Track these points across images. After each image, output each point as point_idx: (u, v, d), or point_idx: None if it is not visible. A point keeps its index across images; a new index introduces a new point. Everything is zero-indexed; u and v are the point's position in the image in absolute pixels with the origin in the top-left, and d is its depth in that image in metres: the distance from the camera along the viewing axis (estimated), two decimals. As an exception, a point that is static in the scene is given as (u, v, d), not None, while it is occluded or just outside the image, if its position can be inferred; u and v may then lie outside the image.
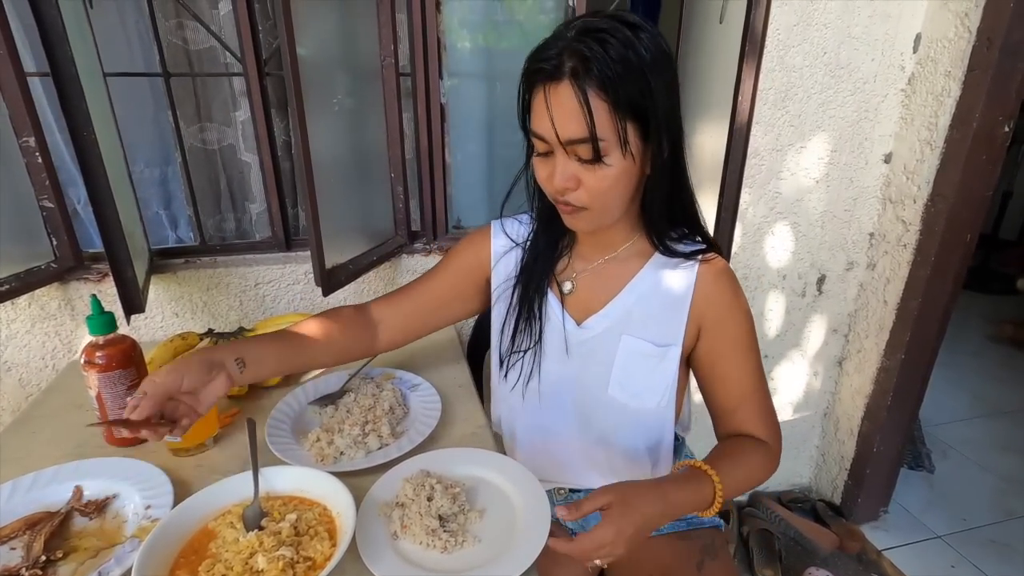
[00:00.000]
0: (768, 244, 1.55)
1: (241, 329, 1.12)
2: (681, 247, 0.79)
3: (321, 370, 1.07)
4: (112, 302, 1.03)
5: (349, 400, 0.94)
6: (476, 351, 1.28)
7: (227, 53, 1.26)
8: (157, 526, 0.65)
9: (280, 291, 1.32)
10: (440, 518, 0.70)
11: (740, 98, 1.23)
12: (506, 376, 0.90)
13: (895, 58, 1.42)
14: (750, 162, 1.42)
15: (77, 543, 0.69)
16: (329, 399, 0.96)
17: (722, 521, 1.00)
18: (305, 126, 0.97)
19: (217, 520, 0.69)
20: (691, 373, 0.88)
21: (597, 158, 0.66)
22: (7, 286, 1.03)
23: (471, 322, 1.31)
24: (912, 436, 1.94)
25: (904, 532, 1.78)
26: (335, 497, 0.71)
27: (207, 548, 0.65)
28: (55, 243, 1.15)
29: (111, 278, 1.00)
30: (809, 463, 1.93)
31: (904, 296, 1.54)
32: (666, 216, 0.77)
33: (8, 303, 1.14)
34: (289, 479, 0.75)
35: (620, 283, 0.82)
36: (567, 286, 0.86)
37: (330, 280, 1.11)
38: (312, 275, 1.14)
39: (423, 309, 0.93)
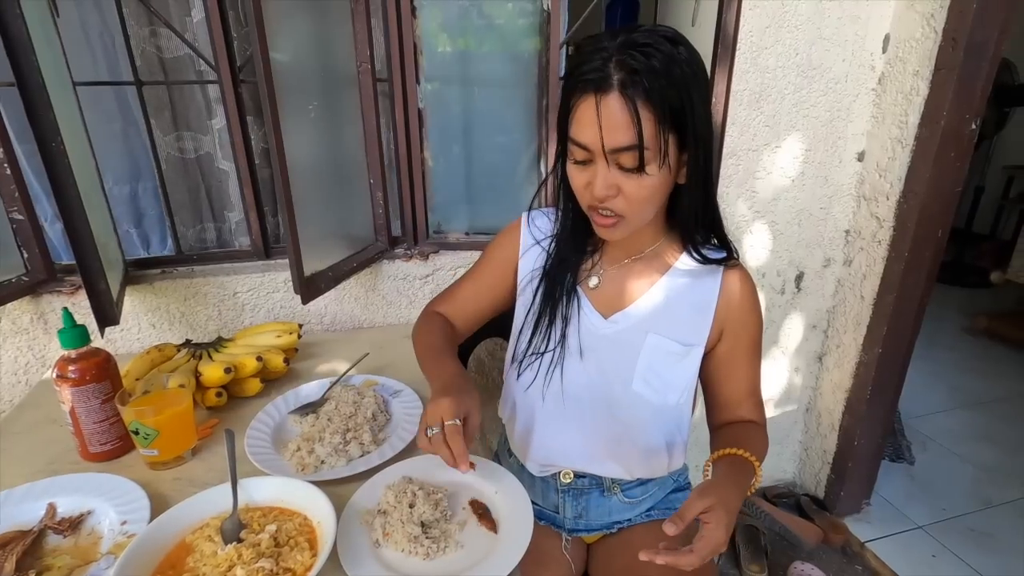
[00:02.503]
0: (747, 243, 1.57)
1: (220, 339, 1.11)
2: (710, 253, 0.82)
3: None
4: (86, 315, 1.01)
5: (330, 408, 0.93)
6: (459, 354, 1.27)
7: (201, 61, 1.25)
8: (133, 541, 0.64)
9: (259, 299, 1.31)
10: (422, 525, 0.70)
11: (714, 100, 1.25)
12: (518, 377, 0.90)
13: (865, 58, 1.45)
14: (727, 162, 1.44)
15: (51, 562, 0.68)
16: (310, 408, 0.95)
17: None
18: (280, 133, 0.97)
19: (195, 534, 0.68)
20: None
21: (641, 167, 0.68)
22: (-24, 301, 1.01)
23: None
24: (892, 429, 1.97)
25: (886, 524, 1.81)
26: (315, 506, 0.71)
27: (185, 563, 0.65)
28: (26, 256, 1.13)
29: (84, 290, 0.98)
30: (793, 458, 1.95)
31: (880, 291, 1.57)
32: (695, 223, 0.80)
33: (-22, 318, 1.12)
34: (269, 490, 0.75)
35: (646, 283, 0.85)
36: (593, 281, 0.87)
37: (309, 288, 1.10)
38: (292, 283, 1.13)
39: (473, 306, 0.97)
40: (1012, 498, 1.92)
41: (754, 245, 1.58)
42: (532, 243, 0.91)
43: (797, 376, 1.81)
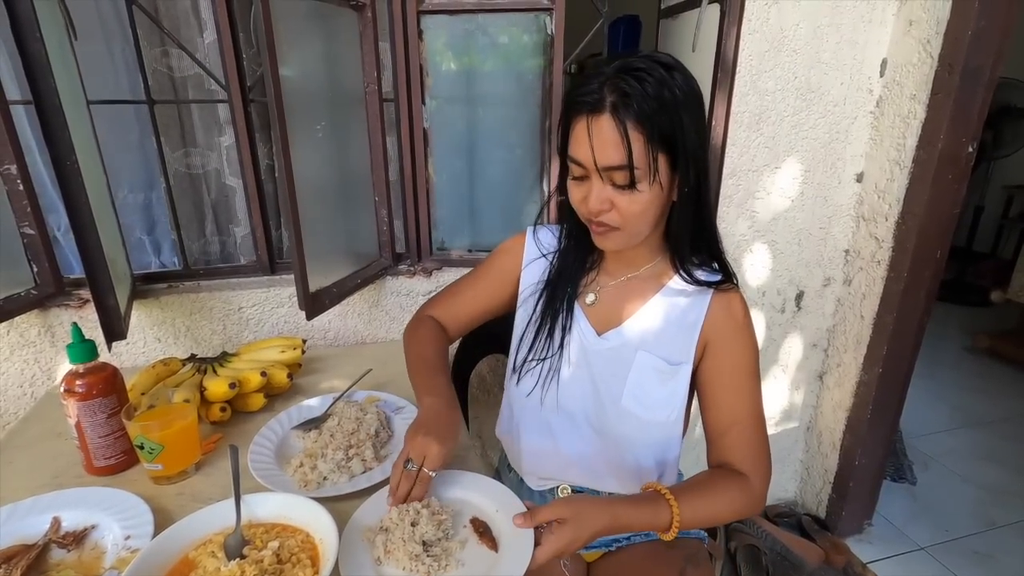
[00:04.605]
0: (747, 262, 1.58)
1: (224, 354, 1.12)
2: (700, 275, 0.83)
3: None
4: (93, 328, 1.02)
5: (332, 424, 0.94)
6: (461, 369, 1.29)
7: (212, 80, 1.28)
8: (136, 557, 0.65)
9: (264, 314, 1.32)
10: (424, 543, 0.70)
11: (714, 122, 1.27)
12: (518, 383, 0.93)
13: (863, 82, 1.47)
14: (727, 182, 1.46)
15: (55, 576, 0.68)
16: (313, 423, 0.96)
17: (706, 534, 1.02)
18: (288, 152, 0.99)
19: (198, 549, 0.69)
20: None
21: (631, 184, 0.71)
22: (-14, 314, 1.02)
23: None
24: (894, 448, 1.97)
25: (888, 544, 1.80)
26: (318, 523, 0.71)
27: (188, 578, 0.65)
28: (35, 269, 1.14)
29: (92, 304, 0.99)
30: (794, 477, 1.95)
31: (880, 311, 1.57)
32: (689, 242, 0.82)
33: (-14, 331, 1.13)
34: (272, 506, 0.75)
35: (640, 301, 0.87)
36: (590, 297, 0.90)
37: (314, 304, 1.11)
38: (296, 298, 1.14)
39: (468, 310, 1.00)
40: (1016, 519, 1.91)
41: (754, 264, 1.59)
42: (535, 256, 0.94)
43: (798, 395, 1.81)
